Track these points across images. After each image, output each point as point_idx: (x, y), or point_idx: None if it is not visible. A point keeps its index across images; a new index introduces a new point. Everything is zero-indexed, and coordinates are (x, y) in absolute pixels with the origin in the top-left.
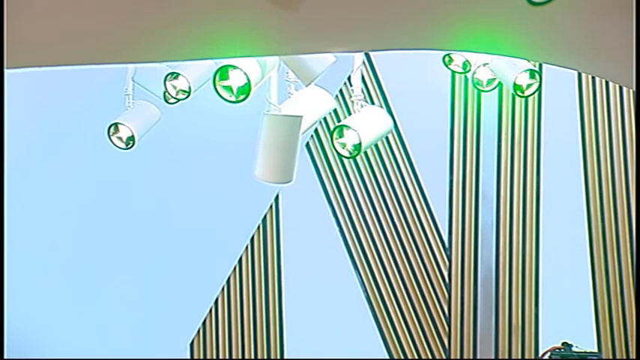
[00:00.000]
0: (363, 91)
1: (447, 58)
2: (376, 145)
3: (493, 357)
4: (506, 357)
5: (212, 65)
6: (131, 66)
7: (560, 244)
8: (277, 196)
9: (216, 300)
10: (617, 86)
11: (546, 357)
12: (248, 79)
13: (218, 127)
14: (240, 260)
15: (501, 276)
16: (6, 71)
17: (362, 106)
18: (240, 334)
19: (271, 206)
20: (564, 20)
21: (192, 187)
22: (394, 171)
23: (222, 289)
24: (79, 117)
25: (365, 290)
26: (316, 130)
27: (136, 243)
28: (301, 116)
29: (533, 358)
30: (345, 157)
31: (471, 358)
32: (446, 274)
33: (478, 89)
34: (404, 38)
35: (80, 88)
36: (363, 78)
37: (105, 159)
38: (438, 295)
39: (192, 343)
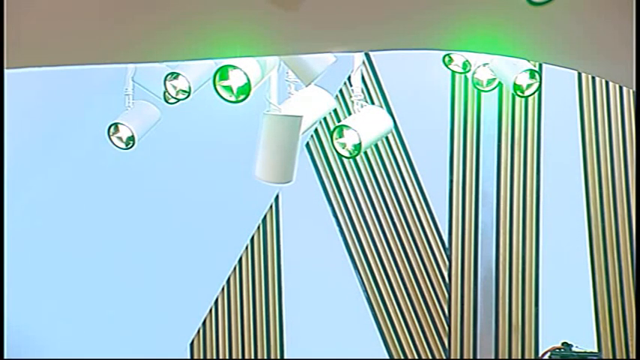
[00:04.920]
0: (363, 91)
1: (447, 58)
2: (376, 145)
3: (493, 357)
4: (506, 357)
5: (212, 65)
6: (131, 66)
7: (560, 244)
8: (277, 196)
9: (216, 300)
10: (617, 86)
11: (546, 357)
12: (248, 79)
13: (218, 127)
14: (240, 260)
15: (501, 276)
16: (6, 71)
17: (362, 106)
18: (240, 334)
19: (271, 206)
20: (564, 20)
21: (192, 187)
22: (394, 171)
23: (222, 289)
24: (79, 117)
25: (365, 290)
26: (316, 130)
27: (135, 243)
28: (301, 116)
29: (533, 358)
30: (345, 157)
31: (471, 358)
32: (446, 274)
33: (478, 89)
34: (404, 38)
35: (80, 88)
36: (363, 78)
37: (105, 159)
38: (438, 295)
39: (192, 343)
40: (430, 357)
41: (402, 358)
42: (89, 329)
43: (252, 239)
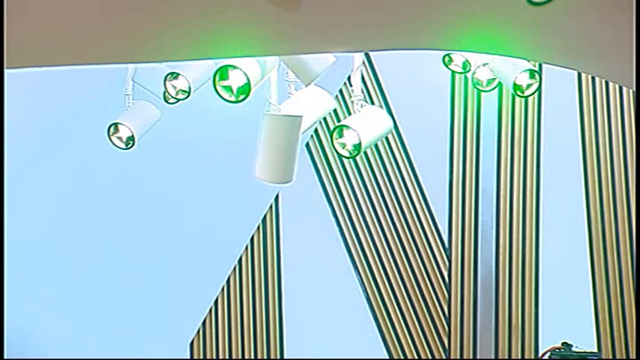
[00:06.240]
0: (363, 91)
1: (447, 58)
2: (376, 145)
3: (493, 357)
4: (506, 357)
5: (212, 65)
6: (131, 66)
7: (560, 244)
8: (277, 196)
9: (216, 300)
10: (617, 86)
11: (546, 357)
12: (248, 79)
13: (218, 127)
14: (240, 260)
15: (501, 276)
16: (6, 71)
17: (362, 106)
18: (240, 334)
19: (271, 206)
20: (564, 20)
21: (192, 187)
22: (394, 171)
23: (222, 289)
24: (79, 117)
25: (365, 290)
26: (316, 130)
27: (135, 243)
28: (301, 116)
29: (533, 358)
30: (345, 157)
31: (471, 358)
32: (446, 274)
33: (478, 89)
34: (404, 38)
35: (80, 88)
36: (363, 78)
37: (105, 159)
38: (437, 295)
39: (192, 343)
40: (430, 357)
41: (402, 358)
42: (89, 329)
43: (252, 239)
